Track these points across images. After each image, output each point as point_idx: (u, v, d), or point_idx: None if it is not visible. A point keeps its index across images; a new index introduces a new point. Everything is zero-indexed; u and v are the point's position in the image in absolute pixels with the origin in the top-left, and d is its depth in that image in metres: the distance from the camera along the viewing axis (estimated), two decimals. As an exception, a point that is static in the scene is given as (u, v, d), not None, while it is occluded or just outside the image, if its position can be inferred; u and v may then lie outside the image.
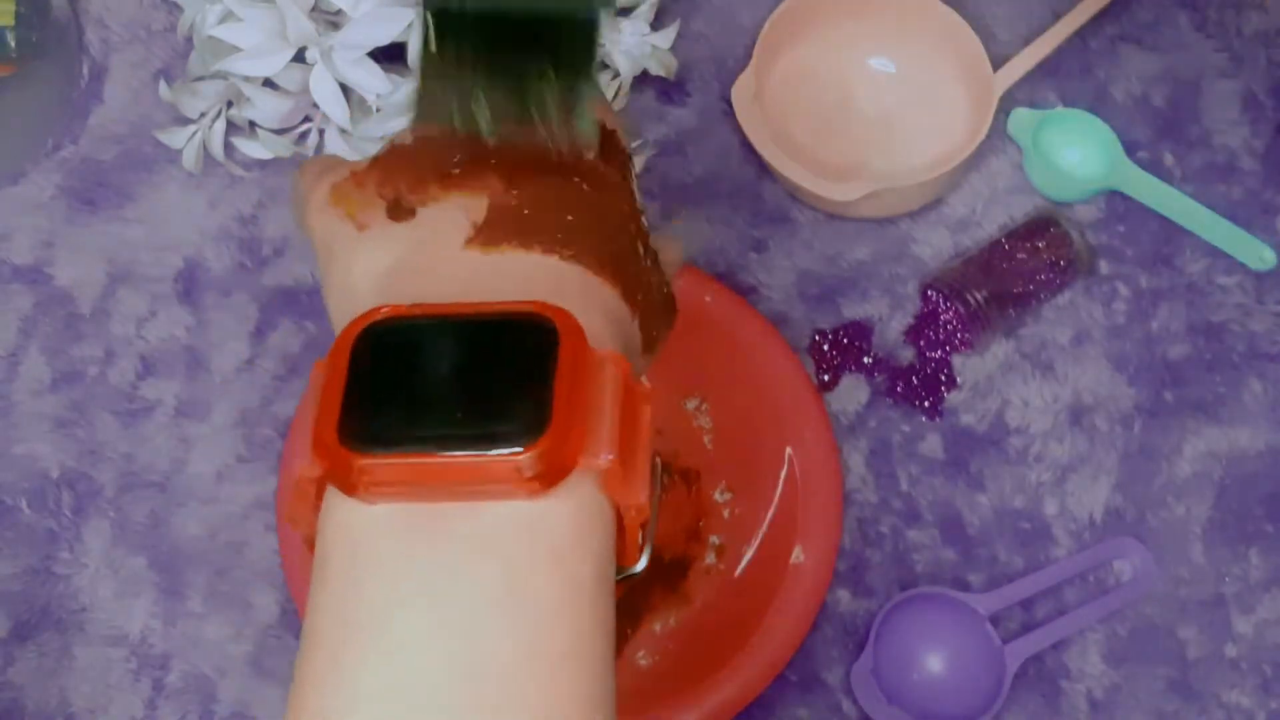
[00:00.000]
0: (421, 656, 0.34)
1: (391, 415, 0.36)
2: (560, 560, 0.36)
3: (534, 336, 0.36)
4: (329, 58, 0.69)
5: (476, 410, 0.35)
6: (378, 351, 0.37)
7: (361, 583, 0.35)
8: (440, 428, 0.35)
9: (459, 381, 0.36)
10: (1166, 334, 0.73)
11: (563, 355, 0.36)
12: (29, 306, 0.76)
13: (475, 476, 0.35)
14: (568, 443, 0.35)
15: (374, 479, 0.35)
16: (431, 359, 0.37)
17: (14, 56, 0.77)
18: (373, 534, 0.36)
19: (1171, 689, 0.67)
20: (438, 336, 0.37)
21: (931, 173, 0.72)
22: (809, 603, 0.65)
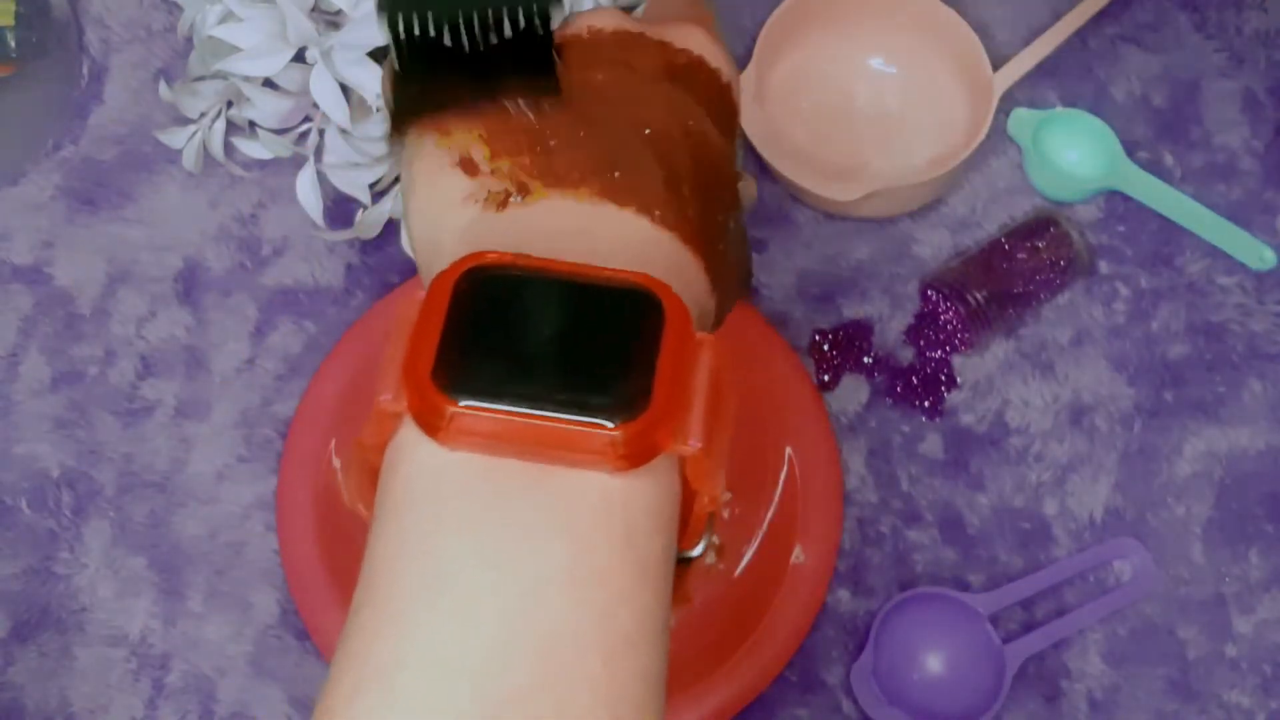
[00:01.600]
0: (482, 619, 0.33)
1: (490, 366, 0.35)
2: (632, 540, 0.35)
3: (641, 311, 0.36)
4: (329, 58, 0.69)
5: (578, 377, 0.35)
6: (479, 298, 0.36)
7: (430, 533, 0.35)
8: (539, 387, 0.34)
9: (562, 344, 0.35)
10: (1166, 334, 0.73)
11: (668, 335, 0.35)
12: (29, 306, 0.76)
13: (567, 443, 0.34)
14: (662, 425, 0.35)
15: (463, 427, 0.34)
16: (535, 316, 0.36)
17: (14, 56, 0.77)
18: (449, 483, 0.35)
19: (1171, 689, 0.67)
20: (544, 294, 0.36)
21: (931, 173, 0.72)
22: (809, 603, 0.65)
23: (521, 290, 0.36)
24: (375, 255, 0.76)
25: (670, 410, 0.35)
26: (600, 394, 0.34)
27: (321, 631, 0.67)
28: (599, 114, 0.42)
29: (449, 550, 0.34)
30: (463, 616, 0.33)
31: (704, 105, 0.44)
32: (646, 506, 0.36)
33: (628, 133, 0.42)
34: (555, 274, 0.36)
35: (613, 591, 0.35)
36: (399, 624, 0.34)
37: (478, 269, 0.36)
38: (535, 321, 0.36)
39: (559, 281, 0.36)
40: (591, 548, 0.35)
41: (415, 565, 0.34)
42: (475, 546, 0.34)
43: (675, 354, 0.35)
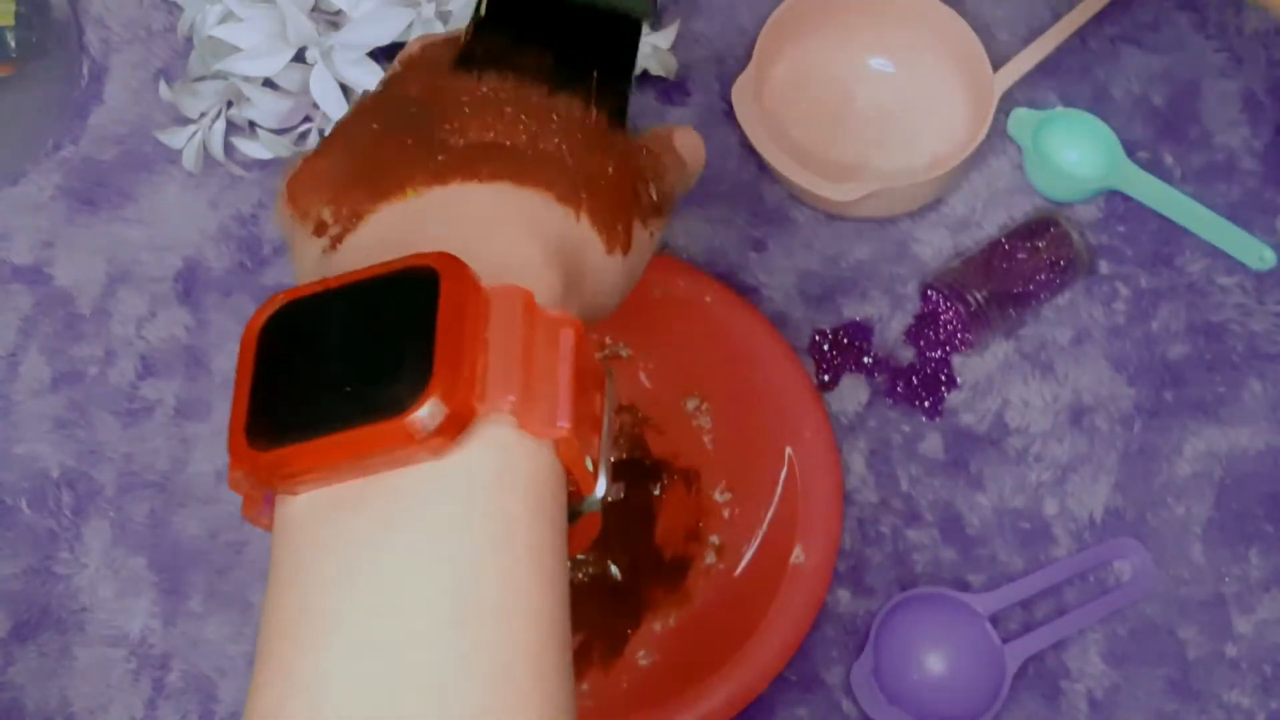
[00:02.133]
0: (355, 632, 0.34)
1: (289, 402, 0.35)
2: (480, 513, 0.35)
3: (416, 289, 0.35)
4: (329, 58, 0.69)
5: (365, 377, 0.35)
6: (278, 338, 0.36)
7: (298, 570, 0.35)
8: (335, 403, 0.34)
9: (349, 351, 0.35)
10: (1166, 334, 0.73)
11: (443, 300, 0.35)
12: (29, 306, 0.76)
13: (374, 446, 0.34)
14: (459, 390, 0.34)
15: (285, 471, 0.35)
16: (325, 334, 0.36)
17: (14, 56, 0.77)
18: (302, 521, 0.35)
19: (1171, 689, 0.67)
20: (329, 310, 0.36)
21: (931, 173, 0.72)
22: (809, 603, 0.65)
23: (312, 313, 0.36)
24: (375, 255, 0.76)
25: (461, 372, 0.34)
26: (386, 386, 0.34)
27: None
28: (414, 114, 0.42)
29: (313, 582, 0.35)
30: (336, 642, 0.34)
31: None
32: (489, 474, 0.35)
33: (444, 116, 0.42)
34: (333, 287, 0.36)
35: (460, 568, 0.34)
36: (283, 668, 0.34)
37: (277, 311, 0.37)
38: (326, 338, 0.36)
39: (339, 290, 0.36)
40: (433, 532, 0.34)
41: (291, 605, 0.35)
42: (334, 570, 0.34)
43: (456, 317, 0.34)
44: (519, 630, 0.35)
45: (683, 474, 0.71)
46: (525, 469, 0.36)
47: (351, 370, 0.35)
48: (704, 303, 0.70)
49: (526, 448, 0.36)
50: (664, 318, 0.70)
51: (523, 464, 0.36)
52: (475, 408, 0.34)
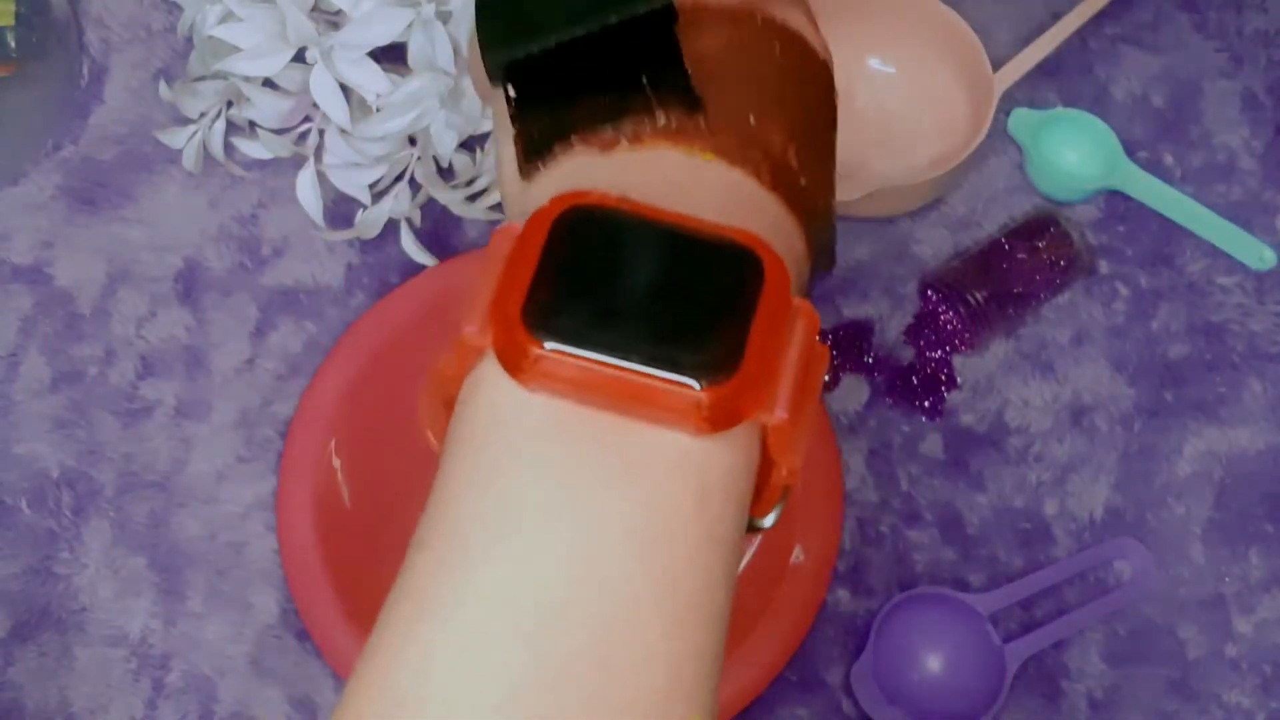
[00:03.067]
0: (545, 570, 0.33)
1: (581, 310, 0.34)
2: (705, 505, 0.34)
3: (741, 270, 0.34)
4: (329, 58, 0.69)
5: (670, 331, 0.34)
6: (576, 239, 0.35)
7: (500, 475, 0.34)
8: (630, 338, 0.33)
9: (657, 296, 0.34)
10: (1166, 334, 0.73)
11: (765, 298, 0.34)
12: (29, 306, 0.76)
13: (651, 398, 0.33)
14: (749, 390, 0.33)
15: (546, 370, 0.33)
16: (632, 263, 0.34)
17: (14, 56, 0.77)
18: (524, 426, 0.34)
19: (1171, 689, 0.67)
20: (643, 241, 0.35)
21: (931, 173, 0.72)
22: (809, 603, 0.65)
23: (621, 235, 0.35)
24: (375, 255, 0.76)
25: (760, 376, 0.33)
26: (691, 351, 0.33)
27: (321, 631, 0.67)
28: (715, 71, 0.40)
29: (518, 494, 0.33)
30: (526, 564, 0.33)
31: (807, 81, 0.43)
32: (723, 472, 0.35)
33: (745, 94, 0.40)
34: (657, 222, 0.35)
35: (679, 555, 0.34)
36: (462, 561, 0.33)
37: (578, 208, 0.35)
38: (631, 269, 0.34)
39: (660, 230, 0.35)
40: (661, 507, 0.34)
41: (482, 506, 0.33)
42: (545, 493, 0.33)
43: (771, 319, 0.34)
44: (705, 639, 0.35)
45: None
46: (746, 479, 0.36)
47: (657, 315, 0.34)
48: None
49: (753, 460, 0.36)
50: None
51: (747, 473, 0.36)
52: (753, 412, 0.34)
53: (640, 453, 0.34)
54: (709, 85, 0.39)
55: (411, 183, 0.74)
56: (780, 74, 0.41)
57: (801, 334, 0.35)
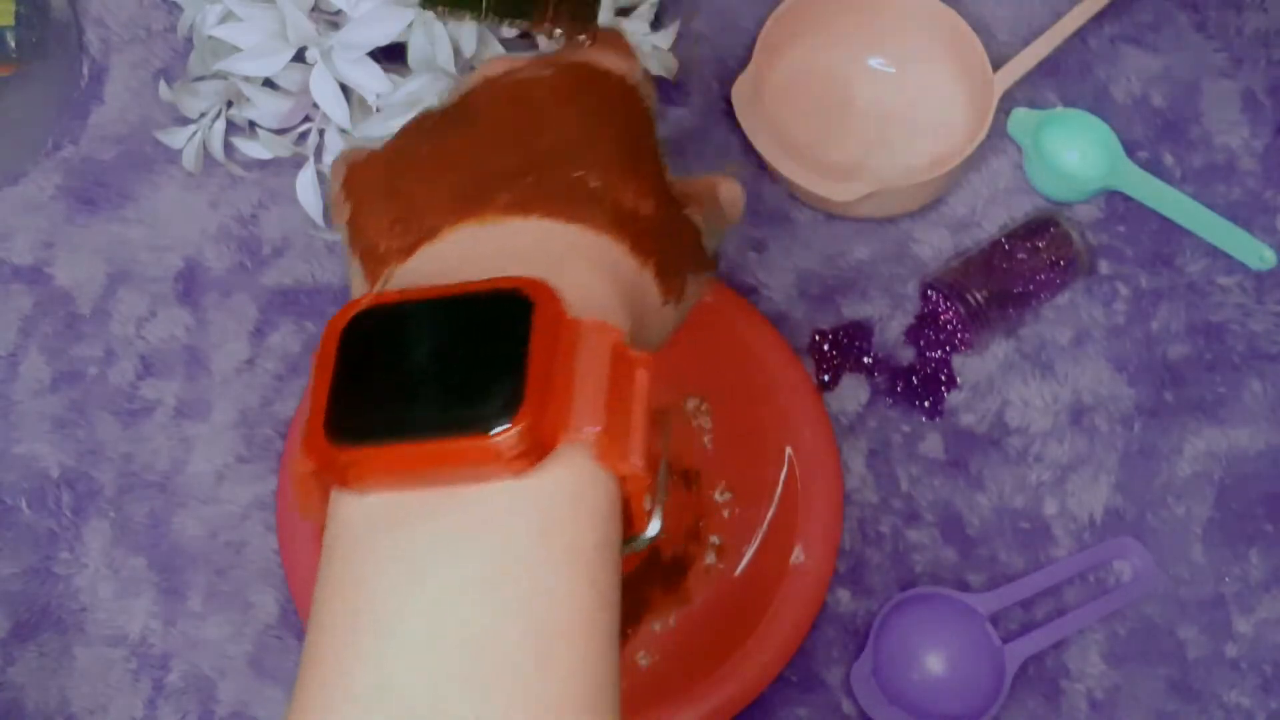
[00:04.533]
0: (417, 641, 0.34)
1: (375, 405, 0.36)
2: (553, 536, 0.35)
3: (509, 311, 0.36)
4: (329, 58, 0.69)
5: (455, 392, 0.35)
6: (363, 341, 0.37)
7: (359, 574, 0.35)
8: (421, 413, 0.35)
9: (438, 364, 0.36)
10: (1166, 334, 0.73)
11: (537, 327, 0.35)
12: (29, 306, 0.76)
13: (457, 460, 0.34)
14: (547, 417, 0.35)
15: (361, 471, 0.35)
16: (413, 344, 0.36)
17: (14, 56, 0.77)
18: (367, 525, 0.36)
19: (1171, 689, 0.67)
20: (418, 320, 0.37)
21: (931, 173, 0.72)
22: (809, 603, 0.65)
23: (400, 321, 0.37)
24: (375, 255, 0.76)
25: (551, 400, 0.35)
26: (475, 405, 0.35)
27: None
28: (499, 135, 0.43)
29: (377, 585, 0.35)
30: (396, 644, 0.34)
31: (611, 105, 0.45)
32: (563, 501, 0.36)
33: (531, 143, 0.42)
34: (426, 298, 0.37)
35: (539, 588, 0.35)
36: (340, 665, 0.34)
37: (360, 312, 0.37)
38: (415, 349, 0.36)
39: (429, 304, 0.37)
40: (506, 549, 0.35)
41: (349, 605, 0.35)
42: (399, 576, 0.35)
43: (549, 344, 0.35)
44: (584, 657, 0.35)
45: (683, 474, 0.71)
46: (596, 499, 0.36)
47: (440, 383, 0.36)
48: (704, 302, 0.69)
49: (600, 479, 0.36)
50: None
51: (593, 494, 0.36)
52: (559, 435, 0.35)
53: (475, 512, 0.35)
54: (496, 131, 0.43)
55: (411, 183, 0.74)
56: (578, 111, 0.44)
57: (596, 347, 0.36)
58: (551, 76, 0.45)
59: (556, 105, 0.44)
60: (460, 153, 0.43)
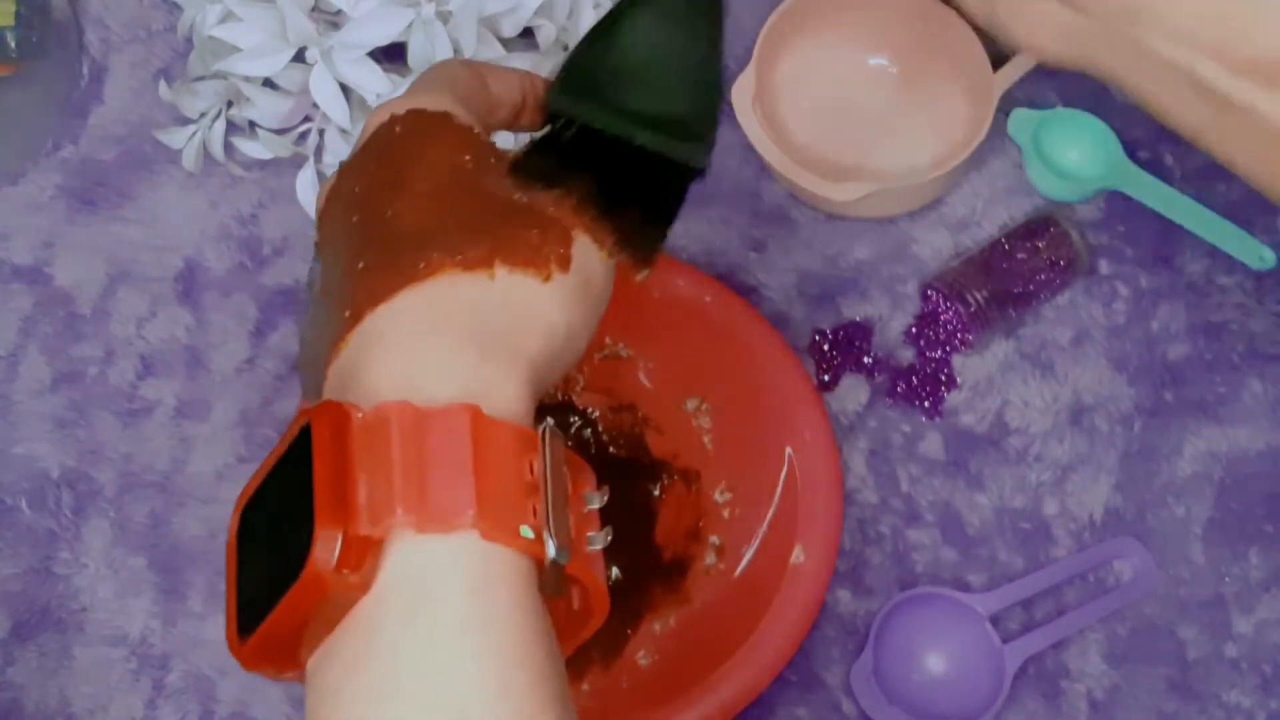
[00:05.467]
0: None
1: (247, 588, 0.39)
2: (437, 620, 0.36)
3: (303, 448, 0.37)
4: (329, 58, 0.69)
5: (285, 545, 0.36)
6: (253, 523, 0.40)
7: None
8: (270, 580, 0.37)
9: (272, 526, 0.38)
10: (1166, 334, 0.73)
11: (315, 444, 0.36)
12: (29, 306, 0.76)
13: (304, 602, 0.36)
14: (340, 521, 0.35)
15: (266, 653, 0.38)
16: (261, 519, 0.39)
17: (14, 56, 0.77)
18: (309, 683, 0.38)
19: (1171, 689, 0.67)
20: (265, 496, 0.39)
21: (931, 173, 0.72)
22: (809, 603, 0.65)
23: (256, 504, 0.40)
24: (375, 255, 0.76)
25: (336, 510, 0.35)
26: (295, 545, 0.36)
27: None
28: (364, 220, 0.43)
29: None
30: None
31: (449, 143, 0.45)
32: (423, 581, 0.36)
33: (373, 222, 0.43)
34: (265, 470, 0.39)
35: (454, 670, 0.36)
36: None
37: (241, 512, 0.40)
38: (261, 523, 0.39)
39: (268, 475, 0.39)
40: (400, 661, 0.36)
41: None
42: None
43: (326, 458, 0.36)
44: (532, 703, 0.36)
45: (683, 474, 0.71)
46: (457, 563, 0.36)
47: (274, 543, 0.37)
48: (704, 302, 0.70)
49: (446, 546, 0.36)
50: (664, 318, 0.70)
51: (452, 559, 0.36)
52: (366, 533, 0.35)
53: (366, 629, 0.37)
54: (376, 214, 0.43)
55: (411, 183, 0.74)
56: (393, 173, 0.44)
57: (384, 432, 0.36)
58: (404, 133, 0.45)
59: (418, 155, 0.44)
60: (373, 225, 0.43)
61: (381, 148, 0.45)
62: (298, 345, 0.47)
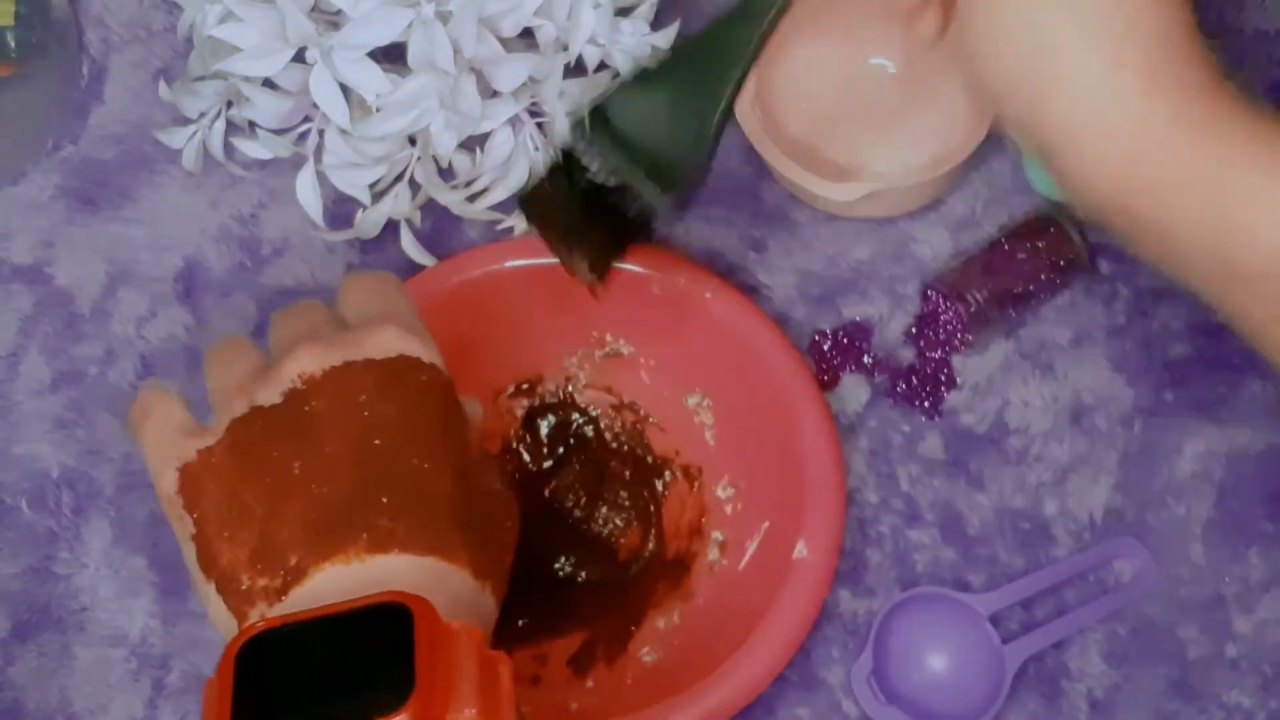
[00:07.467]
0: None
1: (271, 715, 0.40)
2: None
3: (393, 620, 0.41)
4: (329, 58, 0.69)
5: (347, 691, 0.40)
6: (256, 662, 0.41)
7: None
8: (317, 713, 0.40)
9: (329, 670, 0.41)
10: (1166, 334, 0.73)
11: (419, 630, 0.40)
12: (29, 306, 0.76)
13: None
14: (434, 704, 0.39)
15: None
16: (304, 656, 0.41)
17: (14, 56, 0.77)
18: None
19: (1171, 689, 0.67)
20: (308, 636, 0.41)
21: (931, 173, 0.72)
22: (813, 598, 0.65)
23: (291, 640, 0.41)
24: (375, 255, 0.76)
25: (435, 690, 0.39)
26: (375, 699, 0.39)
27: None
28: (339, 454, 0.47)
29: None
30: None
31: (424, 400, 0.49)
32: None
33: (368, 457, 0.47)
34: (315, 617, 0.42)
35: None
36: None
37: (251, 640, 0.41)
38: (310, 662, 0.41)
39: (318, 622, 0.41)
40: None
41: None
42: None
43: (430, 644, 0.40)
44: None
45: (685, 470, 0.71)
46: None
47: (339, 686, 0.40)
48: (704, 299, 0.70)
49: None
50: (665, 314, 0.70)
51: None
52: (444, 717, 0.40)
53: None
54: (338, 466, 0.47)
55: (411, 183, 0.74)
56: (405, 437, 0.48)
57: (466, 647, 0.42)
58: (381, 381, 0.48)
59: (383, 405, 0.48)
60: (305, 480, 0.46)
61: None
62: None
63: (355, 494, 0.46)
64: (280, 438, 0.47)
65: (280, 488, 0.47)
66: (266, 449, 0.47)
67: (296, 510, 0.46)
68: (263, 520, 0.46)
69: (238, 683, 0.40)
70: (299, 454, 0.47)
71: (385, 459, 0.47)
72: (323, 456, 0.47)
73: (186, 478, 0.49)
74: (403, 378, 0.49)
